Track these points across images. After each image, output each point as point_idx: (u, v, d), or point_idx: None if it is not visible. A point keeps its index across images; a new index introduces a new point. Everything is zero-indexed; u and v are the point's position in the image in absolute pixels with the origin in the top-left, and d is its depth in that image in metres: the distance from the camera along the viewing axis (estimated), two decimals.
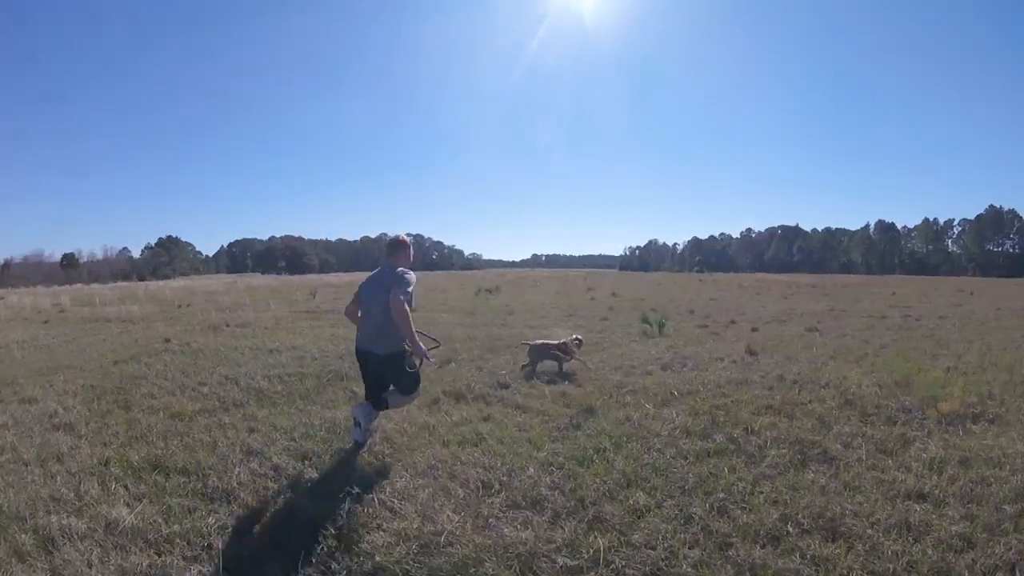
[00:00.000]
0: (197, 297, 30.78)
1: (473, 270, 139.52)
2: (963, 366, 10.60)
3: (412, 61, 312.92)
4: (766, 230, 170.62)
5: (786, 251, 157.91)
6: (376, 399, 5.95)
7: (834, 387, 8.51)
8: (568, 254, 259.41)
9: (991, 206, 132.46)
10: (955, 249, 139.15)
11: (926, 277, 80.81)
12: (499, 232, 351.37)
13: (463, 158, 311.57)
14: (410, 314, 5.40)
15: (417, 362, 5.83)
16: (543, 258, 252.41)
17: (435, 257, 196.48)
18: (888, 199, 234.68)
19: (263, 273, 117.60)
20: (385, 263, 5.90)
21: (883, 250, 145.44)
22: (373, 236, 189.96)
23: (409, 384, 5.89)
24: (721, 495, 4.79)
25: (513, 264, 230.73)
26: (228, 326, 16.05)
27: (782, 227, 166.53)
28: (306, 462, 5.64)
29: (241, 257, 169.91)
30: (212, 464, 5.56)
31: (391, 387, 5.90)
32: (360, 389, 7.00)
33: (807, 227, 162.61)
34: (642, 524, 4.36)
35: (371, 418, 6.01)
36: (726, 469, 5.35)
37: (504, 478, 5.16)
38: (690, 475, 5.20)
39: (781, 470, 5.41)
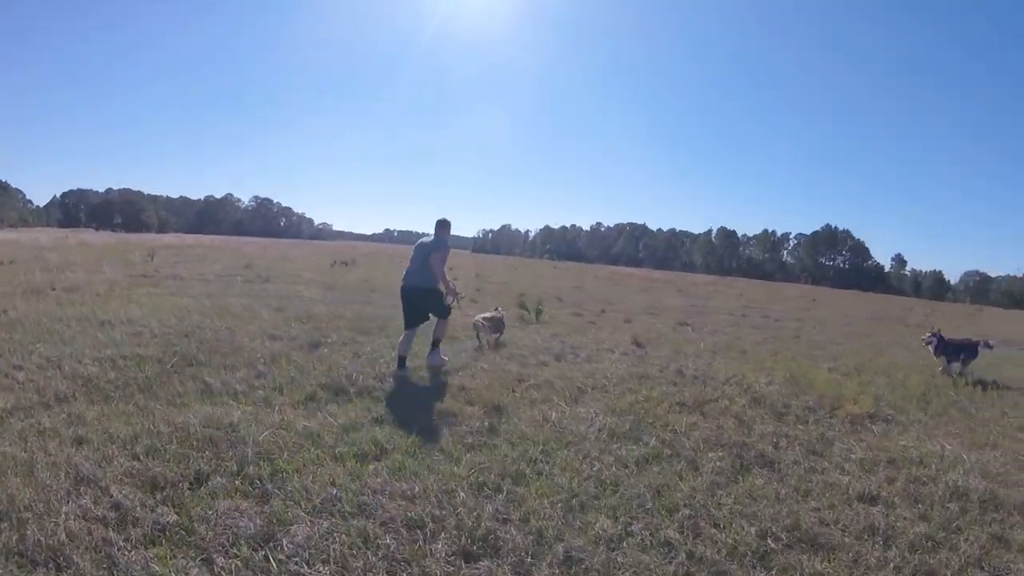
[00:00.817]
0: (23, 252, 27.01)
1: (324, 240, 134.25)
2: (841, 368, 11.63)
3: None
4: (615, 226, 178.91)
5: (633, 247, 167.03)
6: (414, 327, 8.59)
7: (735, 384, 8.85)
8: (421, 231, 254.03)
9: (827, 224, 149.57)
10: (790, 260, 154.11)
11: (764, 281, 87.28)
12: (351, 204, 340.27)
13: (316, 121, 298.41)
14: (444, 269, 8.58)
15: (450, 299, 8.97)
16: (395, 233, 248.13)
17: (283, 224, 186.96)
18: (732, 208, 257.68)
19: (97, 229, 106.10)
20: (436, 234, 8.71)
21: (723, 254, 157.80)
22: (218, 196, 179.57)
23: (444, 311, 8.74)
24: (686, 511, 4.54)
25: (365, 237, 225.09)
26: (54, 290, 13.77)
27: (630, 224, 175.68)
28: (157, 495, 4.15)
29: (75, 210, 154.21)
30: (29, 501, 3.92)
31: (436, 320, 8.77)
32: (215, 380, 7.05)
33: (653, 227, 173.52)
34: (623, 559, 3.84)
35: (411, 342, 8.53)
36: (676, 478, 5.18)
37: (436, 510, 4.17)
38: (641, 488, 4.87)
39: (728, 477, 5.35)
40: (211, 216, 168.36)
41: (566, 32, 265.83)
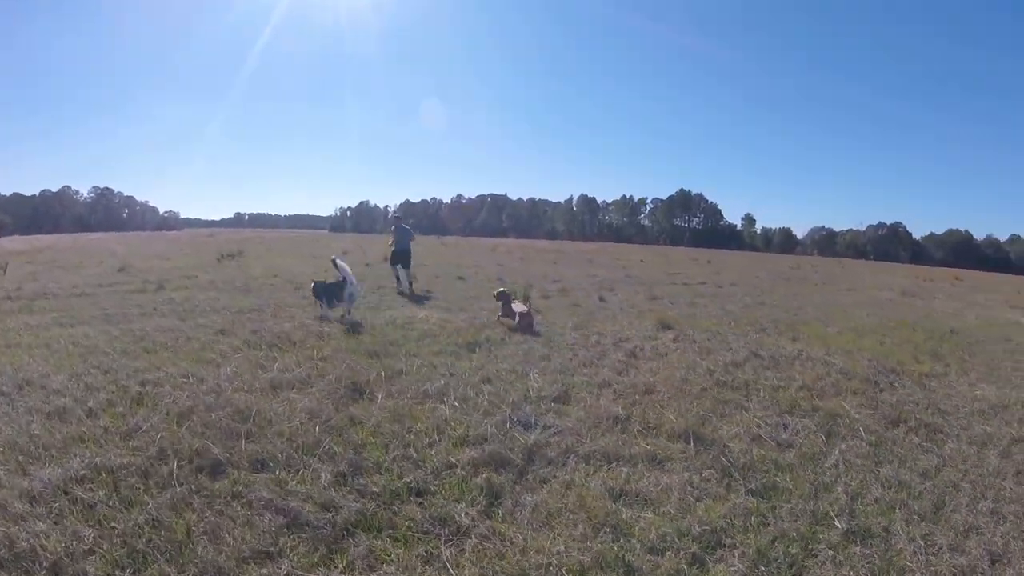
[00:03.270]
0: None
1: (175, 231, 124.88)
2: (846, 331, 12.76)
3: None
4: (477, 197, 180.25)
5: (496, 218, 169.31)
6: (405, 268, 17.23)
7: (814, 360, 9.47)
8: (275, 213, 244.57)
9: (681, 189, 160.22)
10: (647, 223, 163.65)
11: (626, 244, 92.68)
12: (195, 188, 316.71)
13: (148, 101, 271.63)
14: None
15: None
16: (247, 217, 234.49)
17: (126, 214, 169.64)
18: (591, 177, 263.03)
19: None
20: (402, 225, 17.89)
21: (584, 220, 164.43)
22: (55, 189, 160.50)
23: (409, 263, 17.34)
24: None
25: (216, 223, 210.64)
26: None
27: (492, 195, 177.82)
28: None
29: None
30: None
31: (407, 269, 17.31)
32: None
33: (514, 197, 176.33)
34: None
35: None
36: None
37: None
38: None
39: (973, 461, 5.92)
40: (48, 212, 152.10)
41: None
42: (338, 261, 12.90)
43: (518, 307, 11.76)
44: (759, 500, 4.79)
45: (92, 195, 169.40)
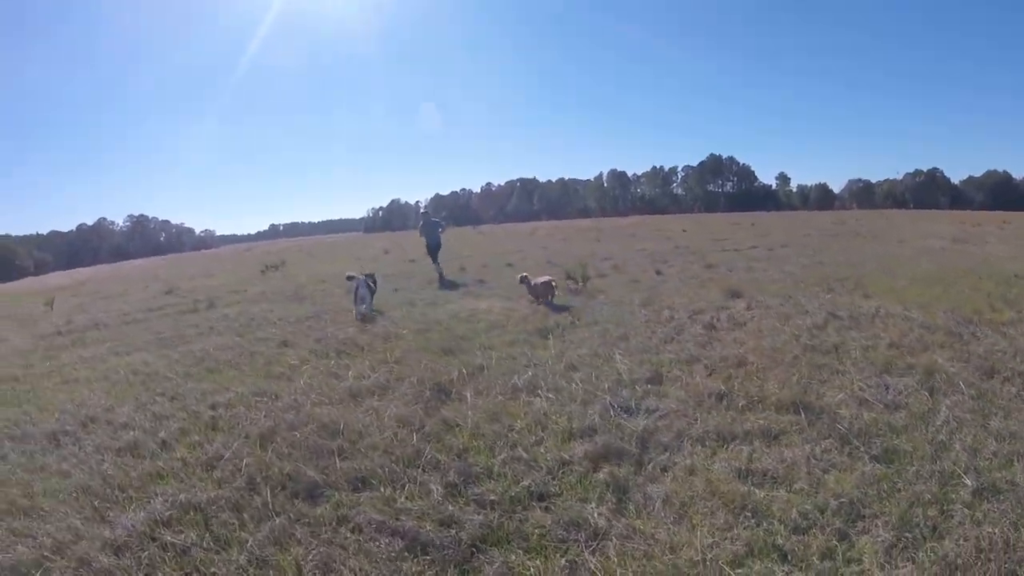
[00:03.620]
0: None
1: (213, 248, 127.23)
2: (912, 283, 12.32)
3: (111, 26, 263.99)
4: (506, 183, 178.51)
5: (527, 201, 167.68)
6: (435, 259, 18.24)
7: (892, 317, 9.19)
8: (308, 221, 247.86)
9: (711, 154, 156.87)
10: (680, 191, 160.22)
11: (662, 215, 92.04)
12: (226, 206, 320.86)
13: (174, 126, 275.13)
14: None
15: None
16: (281, 227, 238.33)
17: (163, 239, 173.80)
18: (618, 151, 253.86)
19: None
20: (431, 219, 18.82)
21: (616, 195, 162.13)
22: (90, 223, 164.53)
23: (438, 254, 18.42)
24: None
25: (252, 237, 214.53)
26: None
27: (521, 180, 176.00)
28: None
29: None
30: None
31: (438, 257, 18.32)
32: None
33: (543, 179, 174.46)
34: None
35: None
36: None
37: None
38: None
39: None
40: (87, 245, 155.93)
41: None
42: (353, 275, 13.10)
43: (535, 280, 12.27)
44: (884, 466, 4.54)
45: (128, 224, 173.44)
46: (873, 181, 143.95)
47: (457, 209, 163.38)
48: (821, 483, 4.31)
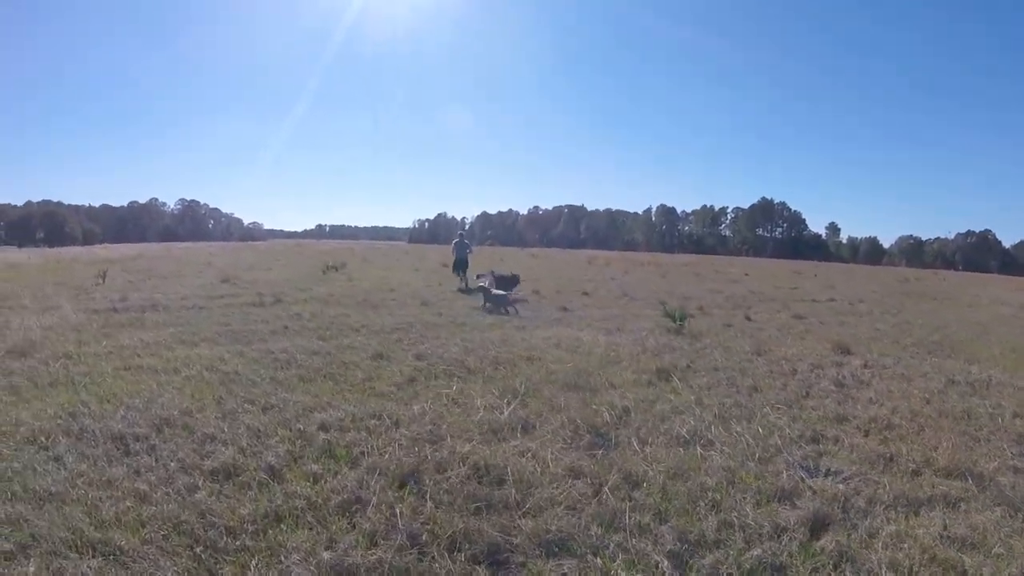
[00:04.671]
0: None
1: (259, 241, 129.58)
2: (1006, 351, 12.00)
3: (187, 11, 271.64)
4: (553, 208, 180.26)
5: (573, 229, 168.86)
6: (463, 272, 20.89)
7: (1004, 386, 8.80)
8: (354, 225, 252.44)
9: (763, 197, 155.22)
10: (728, 233, 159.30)
11: (713, 255, 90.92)
12: (276, 200, 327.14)
13: (234, 118, 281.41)
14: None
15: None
16: (327, 228, 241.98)
17: (211, 226, 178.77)
18: (668, 186, 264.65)
19: (20, 246, 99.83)
20: (463, 241, 21.97)
21: (663, 231, 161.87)
22: (143, 201, 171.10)
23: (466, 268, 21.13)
24: None
25: (297, 235, 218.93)
26: None
27: (569, 206, 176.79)
28: None
29: None
30: None
31: (465, 272, 20.92)
32: None
33: (591, 207, 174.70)
34: None
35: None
36: None
37: None
38: None
39: None
40: (136, 222, 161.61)
41: (495, 13, 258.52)
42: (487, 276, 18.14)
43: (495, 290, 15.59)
44: None
45: (179, 207, 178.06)
46: (923, 238, 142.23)
47: (503, 229, 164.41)
48: (1012, 549, 4.08)
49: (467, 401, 6.60)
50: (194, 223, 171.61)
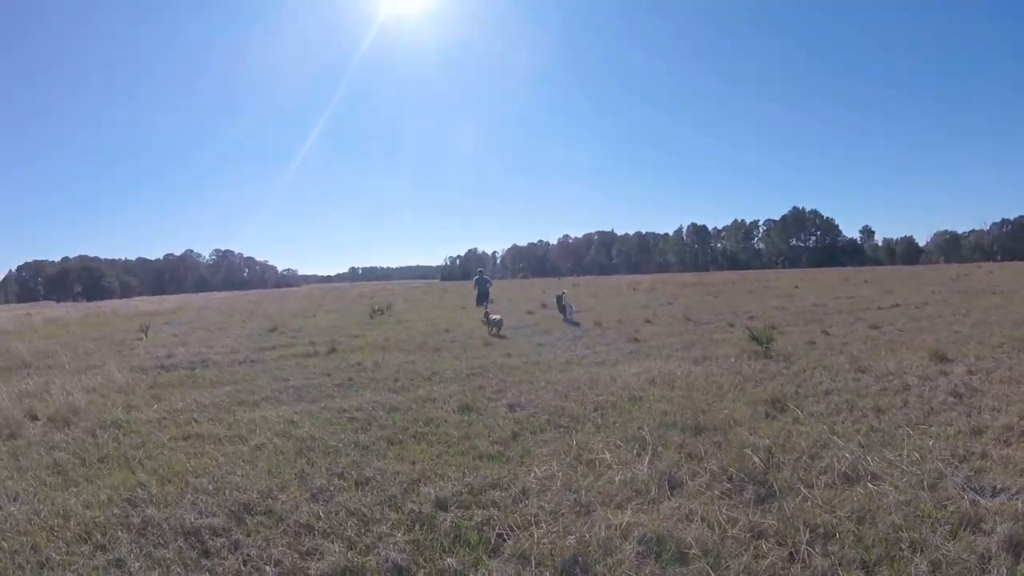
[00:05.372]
0: None
1: (293, 287, 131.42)
2: None
3: (215, 63, 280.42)
4: (583, 236, 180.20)
5: (605, 255, 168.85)
6: (484, 304, 23.79)
7: None
8: (386, 266, 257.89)
9: (794, 207, 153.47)
10: (761, 246, 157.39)
11: (764, 271, 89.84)
12: (308, 246, 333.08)
13: (263, 169, 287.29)
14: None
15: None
16: (360, 271, 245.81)
17: (246, 274, 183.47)
18: (696, 204, 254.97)
19: (58, 301, 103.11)
20: (483, 276, 27.04)
21: (696, 250, 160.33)
22: (178, 254, 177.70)
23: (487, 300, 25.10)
24: None
25: (332, 279, 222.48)
26: (36, 420, 8.20)
27: (599, 232, 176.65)
28: None
29: (32, 283, 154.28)
30: None
31: (487, 303, 24.19)
32: None
33: (621, 232, 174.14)
34: None
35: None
36: None
37: None
38: None
39: None
40: (172, 274, 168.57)
41: (514, 43, 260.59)
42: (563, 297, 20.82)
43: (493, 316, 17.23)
44: None
45: (214, 257, 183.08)
46: (959, 232, 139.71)
47: (534, 260, 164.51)
48: None
49: (592, 457, 5.68)
50: (229, 272, 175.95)
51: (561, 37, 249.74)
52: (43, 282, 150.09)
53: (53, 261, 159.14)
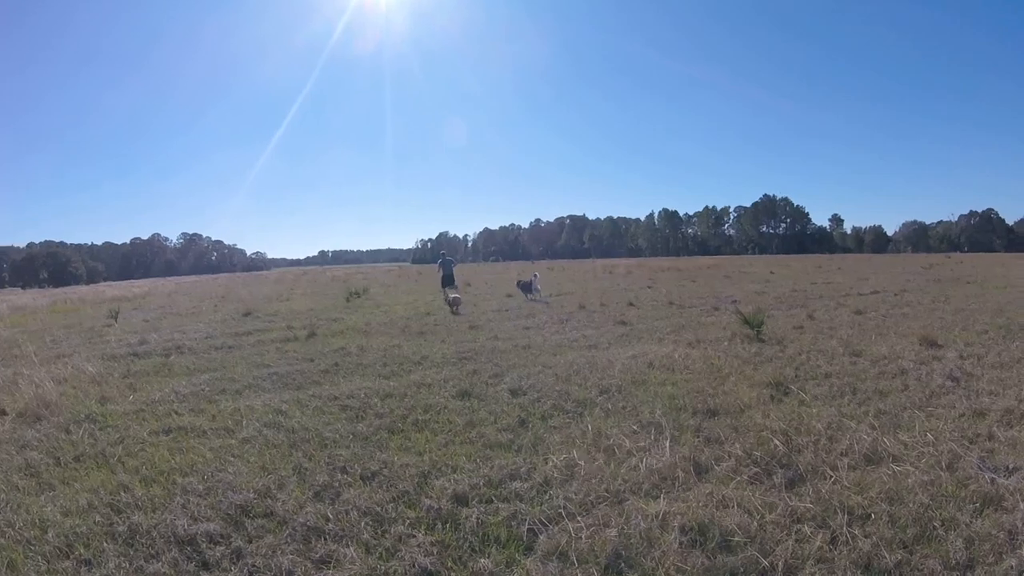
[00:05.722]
0: None
1: (264, 271, 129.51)
2: None
3: (179, 44, 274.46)
4: (556, 220, 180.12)
5: (577, 239, 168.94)
6: (451, 287, 21.64)
7: None
8: (356, 249, 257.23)
9: (764, 195, 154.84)
10: (732, 232, 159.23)
11: (739, 257, 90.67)
12: (279, 229, 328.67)
13: (231, 152, 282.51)
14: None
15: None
16: (330, 254, 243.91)
17: (215, 258, 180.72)
18: (668, 190, 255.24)
19: (24, 287, 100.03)
20: (447, 259, 23.67)
21: (667, 235, 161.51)
22: (145, 238, 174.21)
23: (452, 284, 22.27)
24: None
25: (301, 262, 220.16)
26: (5, 415, 7.62)
27: (571, 217, 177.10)
28: None
29: None
30: None
31: (454, 286, 21.90)
32: None
33: (592, 216, 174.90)
34: None
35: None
36: None
37: None
38: None
39: None
40: (139, 259, 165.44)
41: (486, 28, 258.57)
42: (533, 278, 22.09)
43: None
44: None
45: (181, 241, 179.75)
46: (927, 223, 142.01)
47: (506, 244, 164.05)
48: None
49: (609, 443, 5.41)
50: (197, 256, 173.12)
51: (535, 23, 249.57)
52: (8, 268, 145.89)
53: (18, 247, 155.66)
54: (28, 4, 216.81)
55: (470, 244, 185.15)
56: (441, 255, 25.56)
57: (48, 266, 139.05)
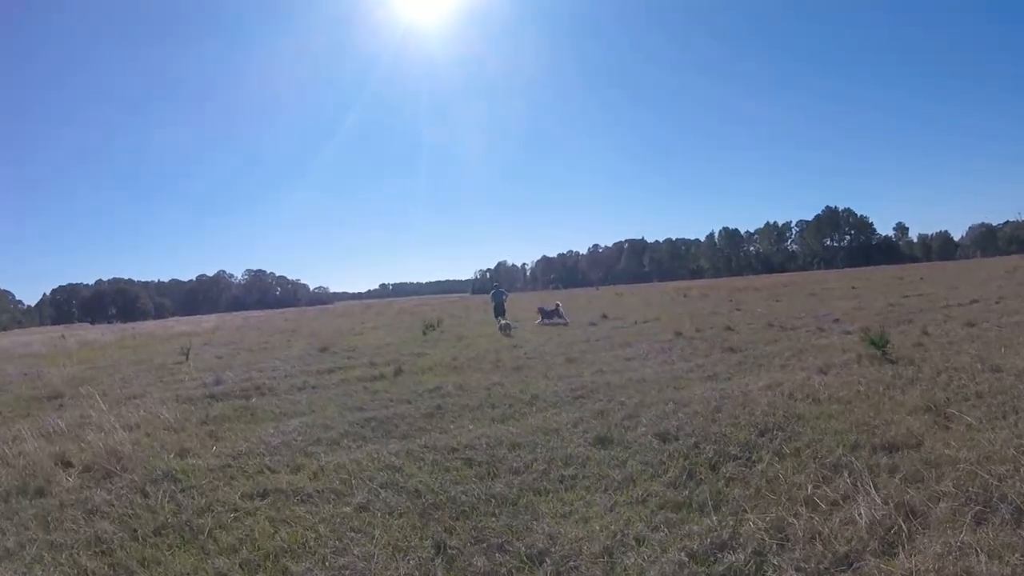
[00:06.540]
0: (12, 364, 20.52)
1: (326, 304, 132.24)
2: None
3: (238, 86, 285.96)
4: (614, 244, 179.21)
5: (636, 262, 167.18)
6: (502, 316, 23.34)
7: None
8: (416, 281, 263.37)
9: (827, 207, 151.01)
10: (795, 247, 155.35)
11: (807, 273, 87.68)
12: (338, 264, 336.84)
13: (297, 189, 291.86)
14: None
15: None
16: (391, 287, 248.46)
17: (279, 293, 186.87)
18: (727, 208, 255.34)
19: (93, 323, 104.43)
20: (499, 290, 26.56)
21: (728, 254, 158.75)
22: (211, 274, 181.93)
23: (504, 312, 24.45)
24: None
25: (363, 295, 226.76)
26: (71, 467, 7.02)
27: (629, 241, 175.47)
28: None
29: (67, 305, 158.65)
30: None
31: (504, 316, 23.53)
32: None
33: (651, 239, 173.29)
34: None
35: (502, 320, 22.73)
36: None
37: None
38: None
39: None
40: (205, 294, 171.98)
41: (539, 59, 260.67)
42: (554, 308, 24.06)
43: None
44: None
45: (246, 277, 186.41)
46: (994, 224, 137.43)
47: (565, 271, 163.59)
48: None
49: (803, 495, 4.63)
50: (261, 291, 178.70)
51: (587, 47, 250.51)
52: (78, 305, 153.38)
53: (87, 284, 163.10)
54: (96, 45, 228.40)
55: (528, 272, 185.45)
56: (494, 286, 27.89)
57: (117, 302, 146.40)
